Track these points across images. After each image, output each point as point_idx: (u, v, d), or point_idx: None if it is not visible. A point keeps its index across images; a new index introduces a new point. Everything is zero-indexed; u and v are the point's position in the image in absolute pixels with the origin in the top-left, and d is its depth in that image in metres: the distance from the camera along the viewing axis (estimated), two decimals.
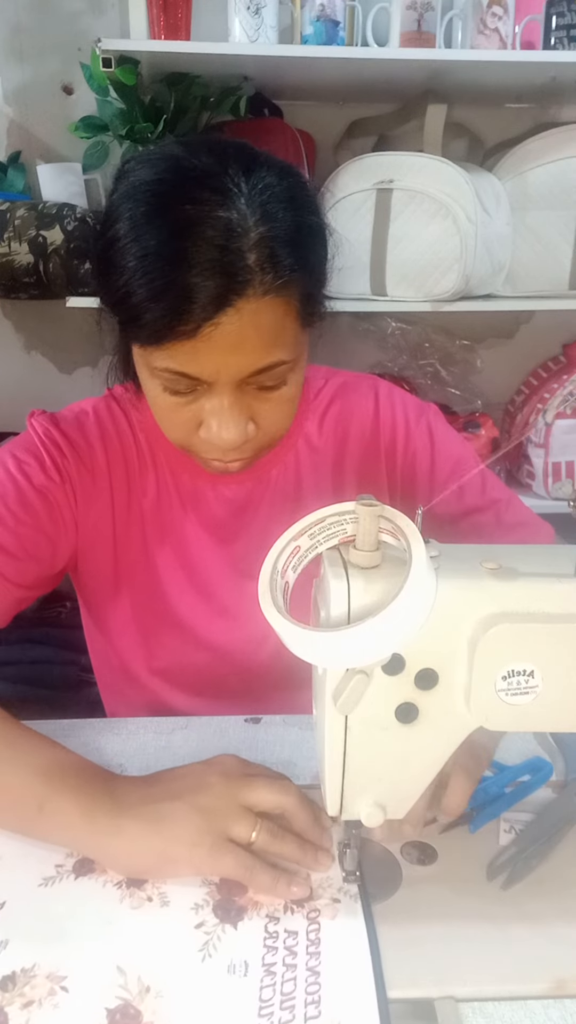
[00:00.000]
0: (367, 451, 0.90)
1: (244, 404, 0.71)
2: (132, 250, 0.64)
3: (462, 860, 0.65)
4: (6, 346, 1.85)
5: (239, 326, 0.65)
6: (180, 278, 0.62)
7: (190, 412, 0.72)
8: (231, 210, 0.63)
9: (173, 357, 0.67)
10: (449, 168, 1.46)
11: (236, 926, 0.58)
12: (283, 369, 0.70)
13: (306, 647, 0.51)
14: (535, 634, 0.52)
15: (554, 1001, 0.54)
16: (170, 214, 0.63)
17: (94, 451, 0.85)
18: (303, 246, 0.67)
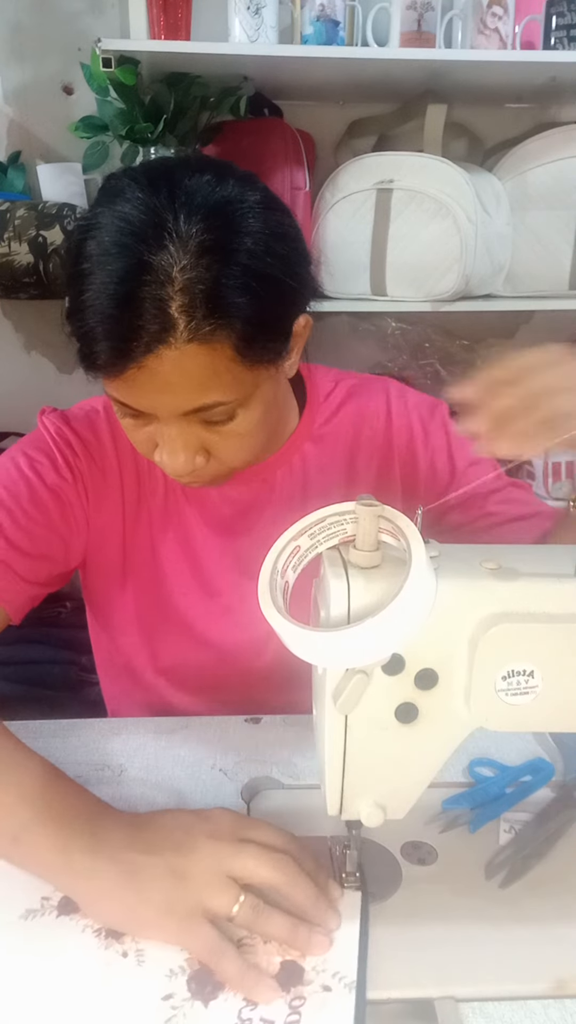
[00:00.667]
0: (380, 452, 0.90)
1: (191, 435, 0.71)
2: (74, 288, 0.66)
3: (462, 860, 0.65)
4: (6, 346, 1.85)
5: (163, 371, 0.65)
6: (107, 321, 0.64)
7: (145, 434, 0.73)
8: (160, 254, 0.62)
9: (113, 387, 0.69)
10: (449, 168, 1.46)
11: (207, 1004, 0.51)
12: (225, 408, 0.69)
13: (306, 647, 0.51)
14: (535, 634, 0.52)
15: (554, 1001, 0.54)
16: (107, 257, 0.63)
17: (105, 449, 0.85)
18: (244, 289, 0.64)
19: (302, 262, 0.71)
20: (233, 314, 0.64)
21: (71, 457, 0.83)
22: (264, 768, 0.78)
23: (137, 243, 0.63)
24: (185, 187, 0.65)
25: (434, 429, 0.90)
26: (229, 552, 0.88)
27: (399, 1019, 0.52)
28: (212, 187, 0.66)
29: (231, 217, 0.65)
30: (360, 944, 0.55)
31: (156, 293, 0.62)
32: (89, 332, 0.65)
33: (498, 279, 1.59)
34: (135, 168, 0.70)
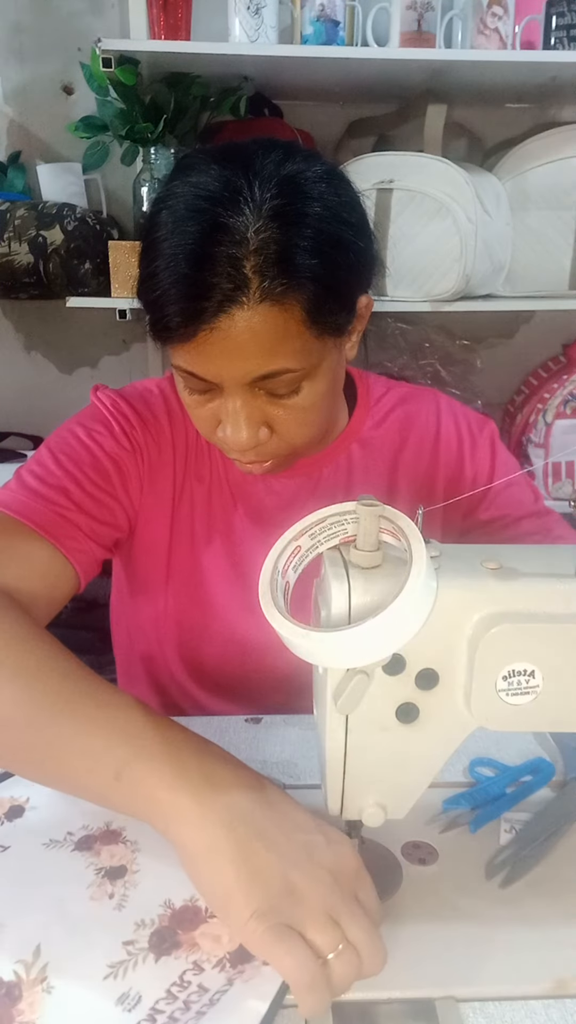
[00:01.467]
0: (425, 459, 0.91)
1: (255, 408, 0.72)
2: (155, 251, 0.67)
3: (462, 860, 0.65)
4: (6, 346, 1.85)
5: (235, 332, 0.66)
6: (184, 281, 0.65)
7: (209, 411, 0.74)
8: (237, 216, 0.64)
9: (183, 357, 0.69)
10: (449, 168, 1.46)
11: (158, 960, 0.52)
12: (292, 377, 0.70)
13: (307, 647, 0.51)
14: (535, 634, 0.52)
15: (555, 1001, 0.54)
16: (187, 220, 0.65)
17: (160, 424, 0.86)
18: (316, 253, 0.66)
19: (368, 234, 0.74)
20: (304, 275, 0.66)
21: (128, 428, 0.84)
22: (264, 768, 0.78)
23: (212, 206, 0.65)
24: (258, 159, 0.67)
25: (481, 443, 0.92)
26: (269, 546, 0.88)
27: (399, 1019, 0.52)
28: (283, 159, 0.68)
29: (302, 185, 0.67)
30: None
31: (231, 252, 0.64)
32: (163, 295, 0.66)
33: (498, 279, 1.59)
34: (208, 146, 0.73)
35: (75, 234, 1.52)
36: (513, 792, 0.73)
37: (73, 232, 1.51)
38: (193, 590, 0.89)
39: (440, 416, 0.92)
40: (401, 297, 1.54)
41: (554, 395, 1.76)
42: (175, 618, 0.91)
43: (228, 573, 0.89)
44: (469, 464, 0.91)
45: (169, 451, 0.86)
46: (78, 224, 1.52)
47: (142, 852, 0.63)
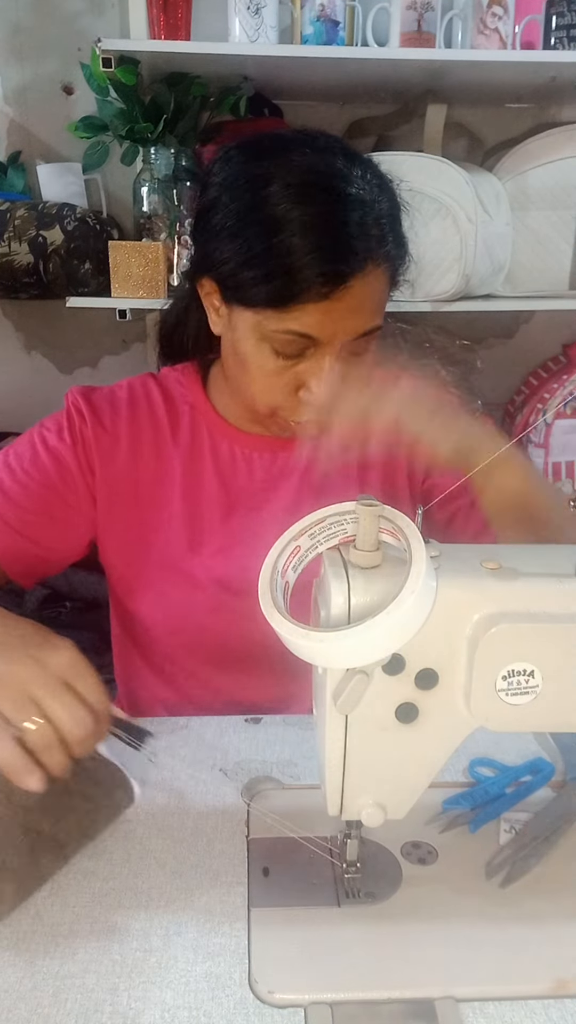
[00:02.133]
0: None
1: (339, 368, 0.79)
2: (263, 221, 0.73)
3: (462, 860, 0.65)
4: (6, 346, 1.85)
5: (363, 290, 0.74)
6: (324, 245, 0.72)
7: (291, 375, 0.80)
8: (359, 189, 0.74)
9: (299, 319, 0.75)
10: (449, 168, 1.46)
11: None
12: (375, 335, 0.80)
13: (306, 647, 0.51)
14: (535, 634, 0.52)
15: (554, 1001, 0.54)
16: (306, 194, 0.73)
17: (119, 421, 0.91)
18: (400, 224, 0.80)
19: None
20: (402, 244, 0.79)
21: (79, 424, 0.89)
22: (264, 768, 0.78)
23: (334, 181, 0.73)
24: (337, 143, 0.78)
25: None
26: (251, 520, 0.92)
27: (399, 1019, 0.53)
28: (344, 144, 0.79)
29: (382, 172, 0.79)
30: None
31: (361, 218, 0.73)
32: (300, 262, 0.72)
33: (498, 279, 1.59)
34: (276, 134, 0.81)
35: (75, 234, 1.51)
36: (513, 792, 0.73)
37: (73, 232, 1.51)
38: (174, 565, 0.91)
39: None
40: (401, 297, 1.53)
41: (554, 395, 1.76)
42: (160, 595, 0.92)
43: (210, 548, 0.91)
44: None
45: (126, 440, 0.90)
46: (78, 224, 1.52)
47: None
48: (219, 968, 0.56)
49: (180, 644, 0.94)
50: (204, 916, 0.60)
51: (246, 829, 0.69)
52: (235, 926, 0.59)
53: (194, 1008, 0.53)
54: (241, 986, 0.55)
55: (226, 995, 0.54)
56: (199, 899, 0.62)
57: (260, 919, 0.60)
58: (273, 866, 0.65)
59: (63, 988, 0.54)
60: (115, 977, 0.55)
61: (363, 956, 0.57)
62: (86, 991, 0.54)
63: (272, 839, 0.68)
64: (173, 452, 0.92)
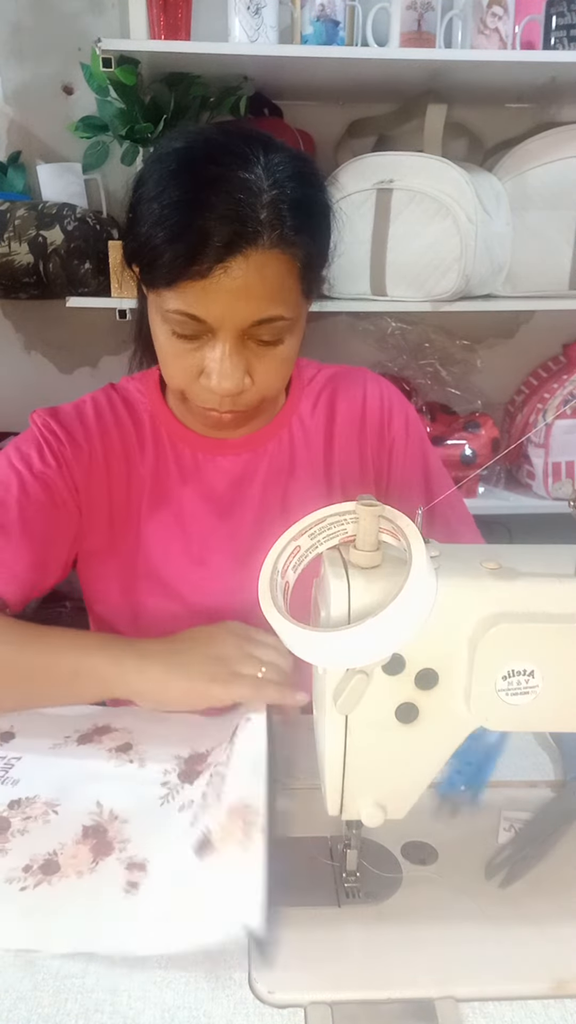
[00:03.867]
0: (355, 432, 0.97)
1: (243, 356, 0.78)
2: (159, 200, 0.73)
3: (462, 860, 0.65)
4: (6, 346, 1.85)
5: (246, 273, 0.72)
6: (198, 223, 0.71)
7: (193, 359, 0.79)
8: (250, 173, 0.72)
9: (184, 298, 0.74)
10: (449, 168, 1.46)
11: (192, 783, 0.68)
12: (282, 326, 0.77)
13: (306, 647, 0.51)
14: (535, 634, 0.52)
15: (554, 1001, 0.54)
16: (194, 171, 0.72)
17: (91, 435, 0.91)
18: (310, 217, 0.76)
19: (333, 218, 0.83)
20: (307, 233, 0.75)
21: (56, 446, 0.89)
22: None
23: (228, 161, 0.72)
24: (253, 134, 0.77)
25: (399, 417, 0.98)
26: (222, 522, 0.93)
27: (399, 1019, 0.53)
28: (271, 139, 0.78)
29: (296, 160, 0.77)
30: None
31: (249, 200, 0.72)
32: (178, 236, 0.72)
33: (498, 279, 1.59)
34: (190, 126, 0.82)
35: (75, 234, 1.51)
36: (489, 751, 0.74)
37: (73, 232, 1.51)
38: (147, 573, 0.92)
39: (366, 389, 0.98)
40: (401, 297, 1.54)
41: (554, 395, 1.76)
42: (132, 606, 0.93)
43: (182, 553, 0.92)
44: (387, 434, 0.97)
45: (100, 457, 0.91)
46: (78, 224, 1.52)
47: (134, 733, 0.75)
48: (219, 968, 0.56)
49: None
50: None
51: None
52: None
53: (194, 1008, 0.53)
54: (241, 986, 0.55)
55: (226, 995, 0.54)
56: None
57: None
58: (273, 866, 0.65)
59: (63, 988, 0.54)
60: (115, 977, 0.55)
61: (363, 956, 0.57)
62: (86, 991, 0.54)
63: (272, 839, 0.68)
64: (140, 462, 0.92)
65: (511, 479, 1.83)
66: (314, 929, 0.59)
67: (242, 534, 0.93)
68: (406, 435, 0.98)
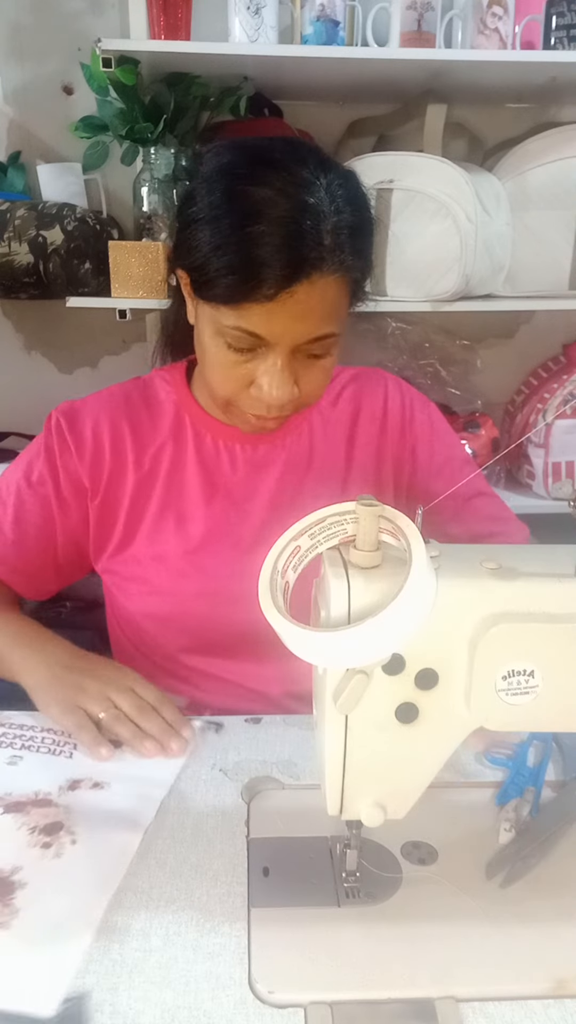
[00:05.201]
0: (376, 431, 0.99)
1: (293, 368, 0.81)
2: (218, 223, 0.76)
3: (462, 860, 0.65)
4: (6, 346, 1.85)
5: (309, 296, 0.76)
6: (265, 250, 0.74)
7: (245, 370, 0.82)
8: (315, 197, 0.75)
9: (246, 318, 0.77)
10: (449, 168, 1.46)
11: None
12: (331, 341, 0.82)
13: (306, 647, 0.51)
14: (535, 634, 0.52)
15: (554, 1001, 0.54)
16: (255, 193, 0.75)
17: (100, 425, 0.95)
18: (362, 237, 0.80)
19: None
20: (360, 255, 0.79)
21: (60, 450, 0.95)
22: (264, 768, 0.78)
23: (294, 188, 0.75)
24: (313, 156, 0.79)
25: (422, 418, 1.00)
26: (239, 510, 0.95)
27: (399, 1019, 0.53)
28: (322, 155, 0.81)
29: (349, 179, 0.80)
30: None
31: (317, 227, 0.75)
32: (241, 264, 0.75)
33: (498, 279, 1.59)
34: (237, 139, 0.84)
35: (75, 234, 1.51)
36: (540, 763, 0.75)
37: (73, 232, 1.51)
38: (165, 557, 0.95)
39: (388, 391, 1.01)
40: (401, 297, 1.54)
41: (554, 395, 1.76)
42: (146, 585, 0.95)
43: (199, 538, 0.94)
44: (409, 434, 0.99)
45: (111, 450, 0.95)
46: (78, 224, 1.52)
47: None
48: (219, 968, 0.56)
49: (173, 636, 0.96)
50: (204, 916, 0.60)
51: (246, 829, 0.69)
52: (235, 926, 0.59)
53: (194, 1008, 0.53)
54: (241, 986, 0.55)
55: (226, 995, 0.54)
56: (199, 899, 0.62)
57: (260, 919, 0.60)
58: (273, 866, 0.65)
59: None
60: (115, 977, 0.55)
61: (363, 956, 0.57)
62: (86, 991, 0.54)
63: (272, 839, 0.68)
64: (155, 447, 0.96)
65: (511, 479, 1.83)
66: (314, 929, 0.59)
67: (254, 522, 0.95)
68: (431, 432, 1.00)
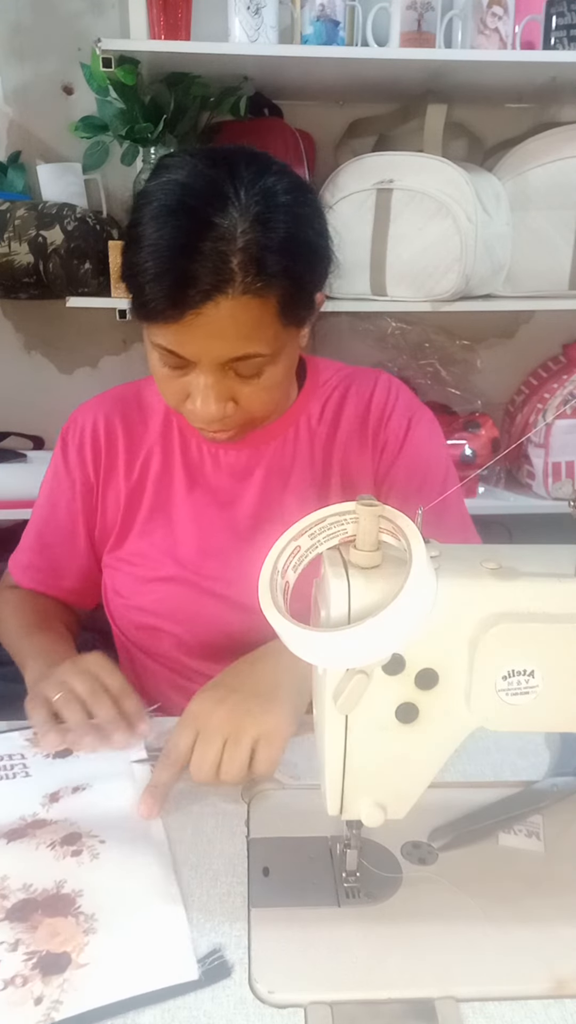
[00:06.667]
0: (358, 432, 0.98)
1: (225, 385, 0.80)
2: (139, 242, 0.75)
3: (462, 860, 0.65)
4: (6, 346, 1.85)
5: (218, 318, 0.74)
6: (175, 269, 0.73)
7: (180, 384, 0.82)
8: (225, 217, 0.72)
9: (163, 335, 0.77)
10: (449, 168, 1.46)
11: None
12: (259, 361, 0.79)
13: (306, 647, 0.51)
14: (535, 634, 0.52)
15: (554, 1001, 0.54)
16: (172, 213, 0.73)
17: (98, 429, 0.98)
18: (290, 255, 0.75)
19: (329, 238, 0.83)
20: (282, 275, 0.75)
21: (74, 451, 0.98)
22: None
23: (205, 206, 0.73)
24: (242, 167, 0.76)
25: (398, 422, 0.97)
26: (223, 514, 0.96)
27: (399, 1019, 0.53)
28: (262, 169, 0.77)
29: (278, 195, 0.76)
30: None
31: (221, 249, 0.72)
32: (154, 280, 0.74)
33: (498, 279, 1.59)
34: (192, 148, 0.82)
35: (75, 234, 1.51)
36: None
37: (73, 232, 1.51)
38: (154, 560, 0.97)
39: (374, 393, 0.99)
40: (401, 297, 1.54)
41: (554, 395, 1.76)
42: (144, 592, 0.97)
43: (186, 541, 0.96)
44: (383, 437, 0.97)
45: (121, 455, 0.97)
46: (78, 224, 1.52)
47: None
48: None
49: (166, 637, 0.97)
50: (204, 916, 0.60)
51: (246, 829, 0.69)
52: (235, 926, 0.59)
53: (194, 1008, 0.53)
54: (241, 986, 0.55)
55: (226, 995, 0.54)
56: (199, 899, 0.62)
57: (260, 919, 0.60)
58: (273, 866, 0.65)
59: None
60: None
61: (363, 956, 0.57)
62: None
63: (272, 839, 0.68)
64: (146, 450, 0.97)
65: (511, 479, 1.83)
66: (314, 929, 0.59)
67: (239, 528, 0.96)
68: (403, 436, 0.97)
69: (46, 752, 0.80)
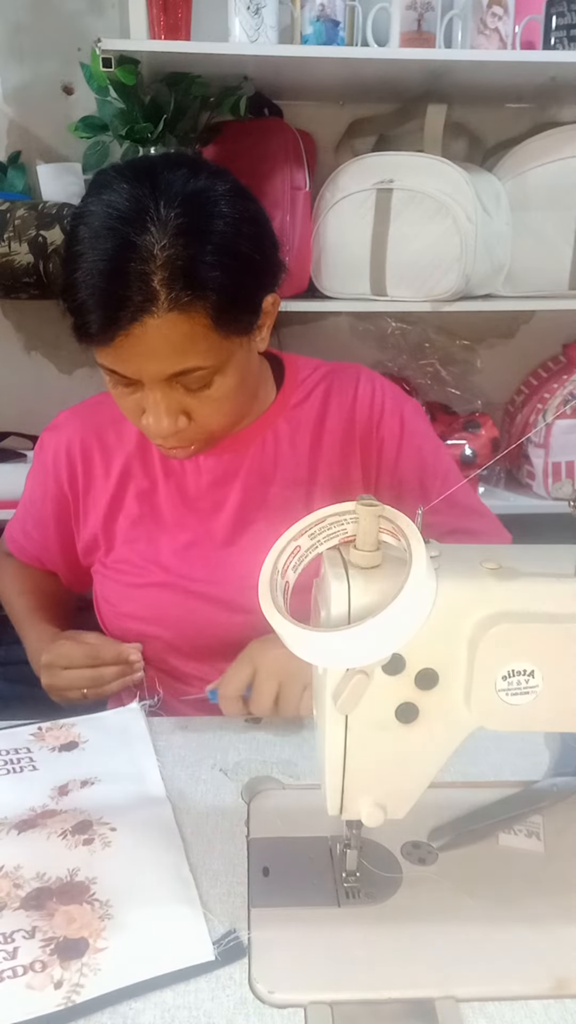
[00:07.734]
0: (344, 432, 0.97)
1: (174, 399, 0.80)
2: (72, 263, 0.75)
3: (462, 860, 0.65)
4: (6, 346, 1.85)
5: (147, 338, 0.74)
6: (101, 293, 0.73)
7: (133, 401, 0.82)
8: (144, 236, 0.72)
9: (103, 356, 0.78)
10: (449, 168, 1.46)
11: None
12: (203, 373, 0.79)
13: (306, 647, 0.51)
14: (535, 634, 0.52)
15: (554, 1001, 0.54)
16: (103, 238, 0.73)
17: (72, 449, 0.98)
18: (217, 265, 0.74)
19: (270, 244, 0.82)
20: (208, 287, 0.74)
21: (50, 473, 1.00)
22: (264, 768, 0.78)
23: (124, 226, 0.72)
24: (164, 178, 0.75)
25: (391, 418, 0.97)
26: (204, 521, 0.96)
27: (399, 1019, 0.53)
28: (187, 178, 0.76)
29: (204, 203, 0.75)
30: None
31: (140, 268, 0.72)
32: (82, 305, 0.74)
33: (498, 279, 1.59)
34: (121, 164, 0.80)
35: None
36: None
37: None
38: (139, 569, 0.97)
39: (358, 385, 0.98)
40: (401, 297, 1.54)
41: (554, 395, 1.76)
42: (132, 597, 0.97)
43: (168, 549, 0.96)
44: (375, 436, 0.97)
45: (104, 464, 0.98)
46: None
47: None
48: (219, 968, 0.56)
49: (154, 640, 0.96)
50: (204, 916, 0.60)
51: (246, 829, 0.69)
52: (235, 926, 0.59)
53: (194, 1008, 0.53)
54: (241, 986, 0.55)
55: (226, 995, 0.54)
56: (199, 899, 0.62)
57: (260, 919, 0.60)
58: (273, 866, 0.65)
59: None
60: None
61: (363, 956, 0.57)
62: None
63: (272, 839, 0.68)
64: (124, 459, 0.97)
65: (511, 479, 1.83)
66: (314, 929, 0.59)
67: (223, 532, 0.96)
68: (400, 433, 0.97)
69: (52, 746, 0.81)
